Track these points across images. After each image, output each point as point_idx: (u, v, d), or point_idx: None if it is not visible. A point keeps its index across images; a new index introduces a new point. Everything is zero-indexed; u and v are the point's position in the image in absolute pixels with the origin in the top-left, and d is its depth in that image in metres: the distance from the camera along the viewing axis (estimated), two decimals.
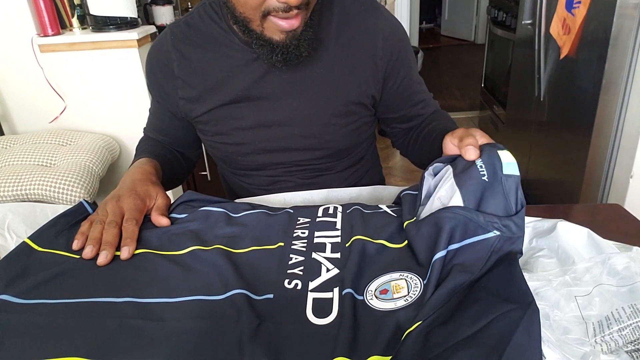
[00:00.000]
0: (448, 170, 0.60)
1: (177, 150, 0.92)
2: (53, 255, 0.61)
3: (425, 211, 0.59)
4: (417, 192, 0.64)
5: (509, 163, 0.54)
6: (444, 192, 0.58)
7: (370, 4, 0.79)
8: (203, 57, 0.78)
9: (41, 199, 1.44)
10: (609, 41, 1.43)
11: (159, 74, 0.82)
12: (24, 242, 0.60)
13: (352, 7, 0.78)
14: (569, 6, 1.62)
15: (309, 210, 0.69)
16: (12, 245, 0.61)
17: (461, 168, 0.58)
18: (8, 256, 0.58)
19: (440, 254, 0.51)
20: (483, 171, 0.55)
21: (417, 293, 0.50)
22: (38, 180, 1.43)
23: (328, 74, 0.77)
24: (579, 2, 1.55)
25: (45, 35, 1.71)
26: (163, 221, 0.66)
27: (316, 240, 0.62)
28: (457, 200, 0.54)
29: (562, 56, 1.70)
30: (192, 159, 0.97)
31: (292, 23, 0.65)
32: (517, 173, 0.54)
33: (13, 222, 0.66)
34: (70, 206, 0.70)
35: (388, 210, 0.67)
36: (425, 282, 0.51)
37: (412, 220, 0.59)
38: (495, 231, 0.51)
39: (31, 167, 1.52)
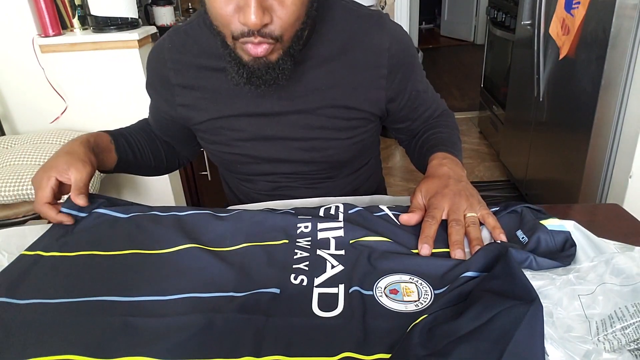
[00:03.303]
0: None
1: (170, 144, 0.94)
2: (46, 257, 0.62)
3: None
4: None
5: (555, 226, 0.59)
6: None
7: (375, 21, 0.76)
8: (201, 68, 0.77)
9: None
10: (608, 41, 1.44)
11: (156, 80, 0.82)
12: (20, 254, 0.62)
13: (356, 24, 0.76)
14: (568, 7, 1.63)
15: (310, 209, 0.70)
16: (5, 263, 0.62)
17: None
18: (5, 269, 0.60)
19: (470, 273, 0.52)
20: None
21: (428, 300, 0.51)
22: None
23: (330, 90, 0.76)
24: (578, 3, 1.56)
25: (46, 36, 1.71)
26: (79, 201, 0.69)
27: (320, 236, 0.62)
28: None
29: (561, 56, 1.71)
30: (184, 155, 0.98)
31: (257, 50, 0.63)
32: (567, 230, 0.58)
33: (3, 244, 0.67)
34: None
35: (390, 213, 0.68)
36: (441, 291, 0.52)
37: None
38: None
39: (32, 167, 1.52)
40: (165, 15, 2.10)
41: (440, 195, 0.65)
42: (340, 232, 0.62)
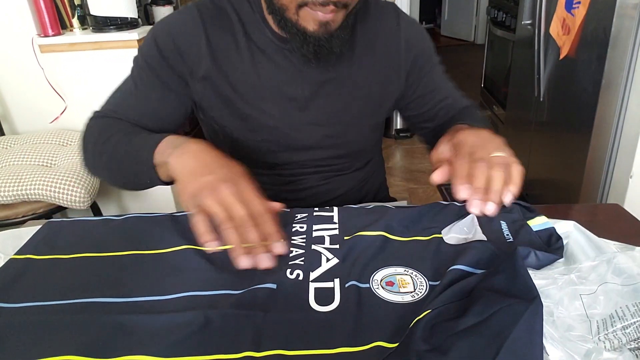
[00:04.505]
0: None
1: None
2: (38, 260, 0.61)
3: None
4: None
5: (539, 225, 0.59)
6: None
7: (392, 8, 0.82)
8: (231, 43, 0.74)
9: (41, 199, 1.44)
10: (609, 41, 1.43)
11: (178, 47, 0.73)
12: (10, 259, 0.62)
13: (374, 11, 0.80)
14: (569, 6, 1.62)
15: (306, 209, 0.70)
16: (1, 263, 0.62)
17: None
18: None
19: (461, 267, 0.52)
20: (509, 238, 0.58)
21: (423, 291, 0.52)
22: (38, 181, 1.43)
23: (354, 75, 0.78)
24: (579, 3, 1.56)
25: (46, 36, 1.71)
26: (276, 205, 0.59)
27: (315, 233, 0.63)
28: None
29: (561, 56, 1.70)
30: None
31: (327, 15, 0.65)
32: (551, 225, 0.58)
33: (0, 246, 0.67)
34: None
35: (387, 204, 0.70)
36: (436, 283, 0.52)
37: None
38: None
39: (32, 167, 1.52)
40: (164, 14, 2.10)
41: (463, 133, 0.61)
42: (335, 232, 0.64)
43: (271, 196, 0.81)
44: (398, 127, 3.13)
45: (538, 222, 0.60)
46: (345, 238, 0.62)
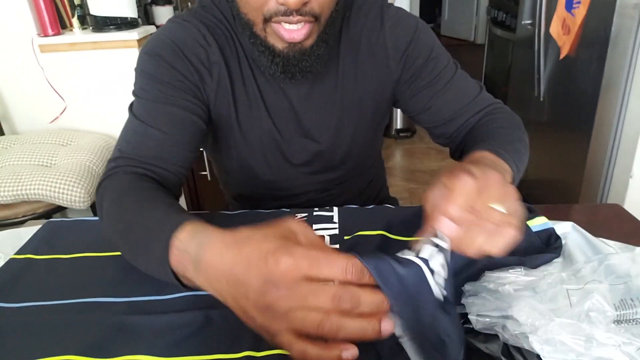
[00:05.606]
0: None
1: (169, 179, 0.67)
2: (37, 260, 0.62)
3: None
4: None
5: (539, 225, 0.59)
6: None
7: (377, 4, 0.74)
8: (223, 54, 0.70)
9: (41, 199, 1.44)
10: (609, 41, 1.43)
11: (188, 57, 0.68)
12: (10, 258, 0.62)
13: (357, 10, 0.73)
14: (569, 6, 1.62)
15: (305, 209, 0.71)
16: (2, 264, 0.62)
17: None
18: None
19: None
20: None
21: None
22: (38, 181, 1.43)
23: (342, 85, 0.74)
24: (579, 2, 1.55)
25: (46, 36, 1.71)
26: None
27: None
28: None
29: (562, 56, 1.70)
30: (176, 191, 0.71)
31: (292, 35, 0.60)
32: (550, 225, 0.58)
33: (0, 245, 0.67)
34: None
35: (387, 205, 0.71)
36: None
37: None
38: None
39: (31, 167, 1.51)
40: (164, 14, 2.10)
41: (463, 176, 0.43)
42: (336, 232, 0.64)
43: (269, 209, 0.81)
44: (398, 127, 3.13)
45: (537, 223, 0.59)
46: (345, 238, 0.62)
